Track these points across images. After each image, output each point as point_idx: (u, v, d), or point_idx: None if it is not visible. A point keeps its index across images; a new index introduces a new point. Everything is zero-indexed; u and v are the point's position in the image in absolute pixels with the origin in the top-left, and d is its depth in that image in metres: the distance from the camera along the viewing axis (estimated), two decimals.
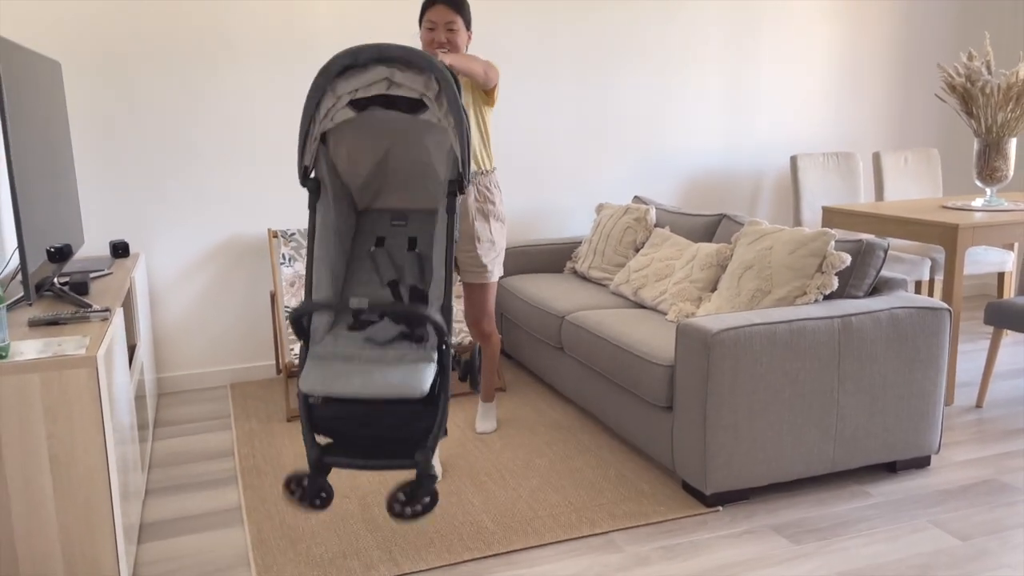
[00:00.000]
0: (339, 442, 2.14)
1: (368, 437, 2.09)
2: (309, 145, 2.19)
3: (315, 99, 2.16)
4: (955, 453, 2.97)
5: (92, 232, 3.65)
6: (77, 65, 3.51)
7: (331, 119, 2.19)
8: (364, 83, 2.14)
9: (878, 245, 2.79)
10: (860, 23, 4.75)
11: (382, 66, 2.13)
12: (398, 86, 2.14)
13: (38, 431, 2.03)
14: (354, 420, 2.09)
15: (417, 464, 2.06)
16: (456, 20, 2.76)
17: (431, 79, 2.12)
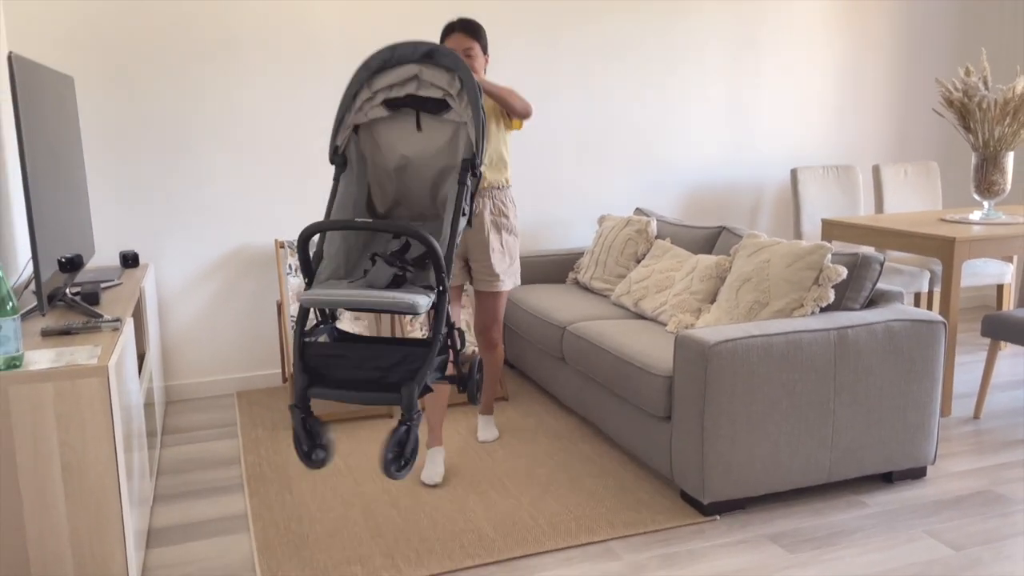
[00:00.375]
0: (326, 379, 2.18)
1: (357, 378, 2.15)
2: (342, 130, 2.40)
3: (353, 90, 2.38)
4: (951, 464, 3.00)
5: (102, 242, 3.72)
6: (89, 79, 3.58)
7: (365, 114, 2.39)
8: (397, 79, 2.35)
9: (874, 258, 2.84)
10: (861, 38, 4.81)
11: (413, 63, 2.34)
12: (425, 85, 2.35)
13: (51, 439, 2.08)
14: (346, 360, 2.15)
15: (401, 398, 2.09)
16: (474, 46, 2.87)
17: (454, 77, 2.32)
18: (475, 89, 2.27)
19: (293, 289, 3.83)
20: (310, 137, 3.92)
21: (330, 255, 2.31)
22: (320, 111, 3.92)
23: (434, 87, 2.34)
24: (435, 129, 2.42)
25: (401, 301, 2.07)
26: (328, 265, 2.30)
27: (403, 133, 2.43)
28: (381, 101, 2.38)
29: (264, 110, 3.83)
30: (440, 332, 2.17)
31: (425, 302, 2.10)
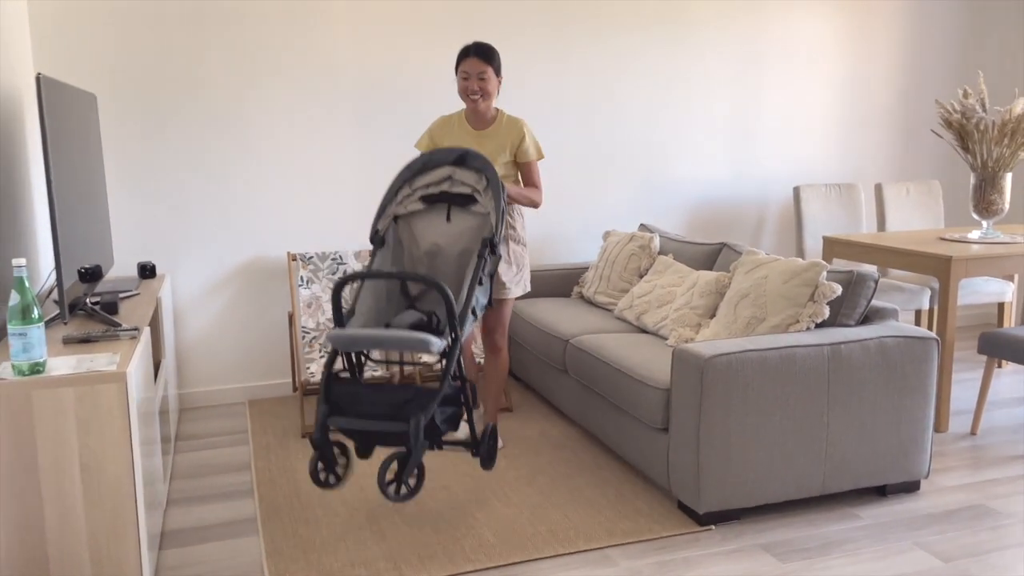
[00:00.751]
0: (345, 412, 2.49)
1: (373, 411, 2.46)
2: (384, 218, 2.87)
3: (396, 186, 2.90)
4: (945, 478, 3.06)
5: (121, 253, 3.84)
6: (111, 97, 3.71)
7: (404, 207, 2.91)
8: (434, 179, 2.88)
9: (868, 276, 2.91)
10: (864, 57, 4.89)
11: (447, 166, 2.87)
12: (457, 183, 2.86)
13: (71, 442, 2.18)
14: (364, 397, 2.49)
15: (408, 428, 2.36)
16: (487, 70, 3.10)
17: (481, 176, 2.83)
18: (499, 186, 2.77)
19: (304, 300, 3.94)
20: (323, 154, 4.04)
21: (361, 312, 2.69)
22: (332, 130, 4.03)
23: (464, 185, 2.85)
24: (463, 220, 2.89)
25: (415, 338, 2.38)
26: (358, 320, 2.68)
27: (435, 223, 2.91)
28: (419, 197, 2.89)
29: (278, 128, 3.95)
30: (450, 371, 2.47)
31: (439, 342, 2.40)
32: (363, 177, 4.12)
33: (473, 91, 3.08)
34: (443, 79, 4.13)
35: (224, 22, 3.80)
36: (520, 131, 3.16)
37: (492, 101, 3.16)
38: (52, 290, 3.21)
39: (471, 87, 3.08)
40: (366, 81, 4.05)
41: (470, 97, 3.10)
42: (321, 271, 3.99)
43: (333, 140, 4.04)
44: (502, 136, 3.16)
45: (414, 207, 2.91)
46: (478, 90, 3.08)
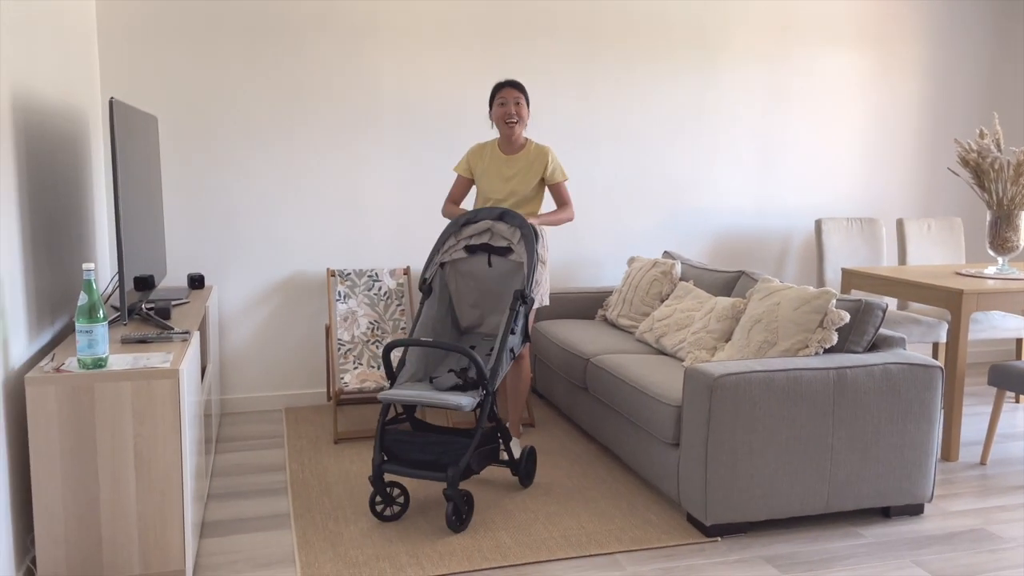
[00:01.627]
0: (396, 457, 2.93)
1: (418, 459, 2.90)
2: (431, 267, 3.26)
3: (444, 238, 3.28)
4: (950, 504, 3.16)
5: (173, 265, 4.10)
6: (171, 119, 4.00)
7: (450, 255, 3.30)
8: (476, 231, 3.27)
9: (876, 305, 3.05)
10: (888, 96, 5.03)
11: (488, 220, 3.25)
12: (497, 237, 3.25)
13: (127, 431, 2.40)
14: (411, 444, 2.92)
15: (447, 477, 2.78)
16: (521, 97, 3.48)
17: (516, 230, 3.21)
18: (532, 239, 3.13)
19: (340, 314, 4.16)
20: (363, 177, 4.28)
21: (411, 362, 3.10)
22: (372, 155, 4.28)
23: (502, 238, 3.24)
24: (502, 265, 3.28)
25: (449, 402, 2.83)
26: (408, 370, 3.08)
27: (479, 267, 3.32)
28: (464, 247, 3.28)
29: (322, 151, 4.21)
30: (482, 425, 2.90)
31: (468, 403, 2.84)
32: (400, 199, 4.35)
33: (510, 115, 3.42)
34: (475, 110, 4.36)
35: (277, 53, 4.08)
36: (545, 156, 3.51)
37: (524, 127, 3.48)
38: (108, 296, 3.47)
39: (509, 111, 3.41)
40: (405, 111, 4.30)
41: (507, 122, 3.42)
42: (358, 287, 4.21)
43: (372, 164, 4.29)
44: (530, 160, 3.49)
45: (459, 255, 3.30)
46: (515, 114, 3.41)
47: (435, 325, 3.25)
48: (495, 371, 2.94)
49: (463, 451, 2.84)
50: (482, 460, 2.97)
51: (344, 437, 3.80)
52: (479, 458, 2.94)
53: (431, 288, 3.25)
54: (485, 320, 3.39)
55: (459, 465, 2.80)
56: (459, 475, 2.79)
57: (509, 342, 3.02)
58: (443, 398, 2.85)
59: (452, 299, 3.37)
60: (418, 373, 3.12)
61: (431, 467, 2.86)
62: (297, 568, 2.61)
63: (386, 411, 2.96)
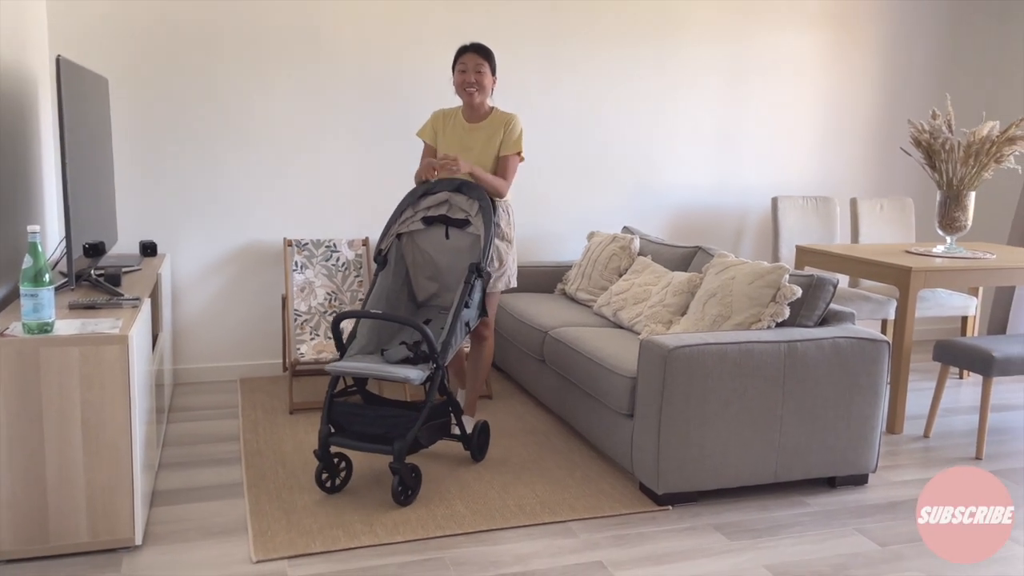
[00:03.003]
0: (343, 430, 2.89)
1: (366, 432, 2.86)
2: (387, 238, 3.22)
3: (401, 209, 3.23)
4: (894, 475, 3.25)
5: (125, 232, 4.01)
6: (122, 80, 3.89)
7: (407, 226, 3.25)
8: (434, 202, 3.22)
9: (828, 280, 3.10)
10: (846, 76, 5.09)
11: (446, 192, 3.19)
12: (454, 208, 3.20)
13: (74, 397, 2.36)
14: (359, 417, 2.89)
15: (393, 450, 2.76)
16: (484, 64, 3.29)
17: (474, 202, 3.15)
18: (490, 212, 3.09)
19: (297, 285, 4.12)
20: (322, 145, 4.23)
21: (362, 334, 3.05)
22: (332, 123, 4.22)
23: (460, 210, 3.19)
24: (460, 238, 3.23)
25: (397, 374, 2.80)
26: (359, 342, 3.03)
27: (436, 239, 3.26)
28: (421, 218, 3.23)
29: (280, 118, 4.14)
30: (431, 399, 2.87)
31: (417, 376, 2.80)
32: (359, 169, 4.30)
33: (470, 83, 3.25)
34: (438, 79, 4.32)
35: (234, 15, 3.99)
36: (508, 122, 3.29)
37: (487, 96, 3.33)
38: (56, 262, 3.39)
39: (468, 79, 3.25)
40: (366, 79, 4.24)
41: (466, 90, 3.27)
42: (315, 257, 4.17)
43: (332, 132, 4.23)
44: (493, 128, 3.32)
45: (416, 227, 3.25)
46: (474, 83, 3.25)
47: (390, 297, 3.21)
48: (446, 345, 2.91)
49: (411, 425, 2.81)
50: (432, 434, 2.96)
51: (299, 407, 3.77)
52: (428, 432, 2.92)
53: (386, 259, 3.20)
54: (442, 293, 3.34)
55: (406, 439, 2.78)
56: (405, 449, 2.77)
57: (463, 316, 2.99)
58: (391, 371, 2.82)
59: (408, 271, 3.32)
60: (369, 346, 3.07)
61: (378, 440, 2.82)
62: (249, 536, 2.60)
63: (335, 383, 2.92)
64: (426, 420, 2.86)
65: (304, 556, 2.50)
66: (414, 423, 2.81)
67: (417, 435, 2.82)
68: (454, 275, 3.28)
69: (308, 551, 2.52)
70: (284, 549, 2.53)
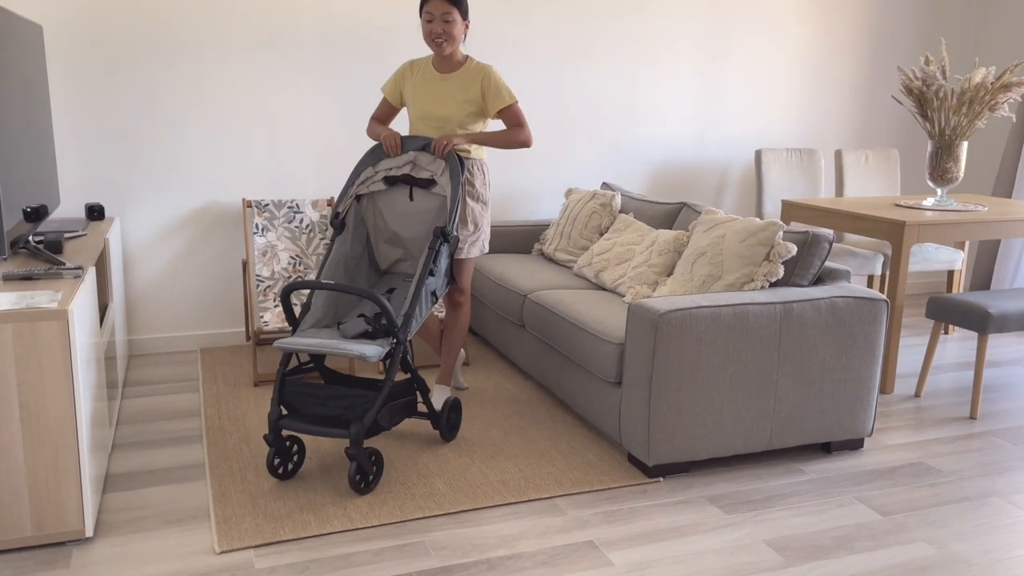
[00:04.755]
0: (296, 412, 2.64)
1: (321, 414, 2.60)
2: (345, 200, 2.96)
3: (360, 169, 2.98)
4: (889, 437, 3.13)
5: (69, 194, 3.72)
6: (59, 29, 3.57)
7: (367, 187, 3.00)
8: (397, 163, 2.97)
9: (823, 237, 2.94)
10: (829, 24, 4.89)
11: (410, 151, 2.95)
12: (419, 168, 2.95)
13: (9, 379, 2.13)
14: (313, 398, 2.60)
15: (349, 434, 2.50)
16: (452, 11, 2.94)
17: (441, 161, 2.92)
18: (458, 171, 2.85)
19: (259, 249, 3.87)
20: (281, 98, 3.94)
21: (317, 306, 2.77)
22: (292, 74, 3.93)
23: (425, 169, 2.94)
24: (425, 200, 2.97)
25: (352, 351, 2.50)
26: (313, 315, 2.76)
27: (399, 201, 3.01)
28: (382, 178, 2.98)
29: (236, 69, 3.84)
30: (391, 379, 2.58)
31: (374, 352, 2.51)
32: (322, 124, 4.03)
33: (437, 34, 2.94)
34: (408, 27, 4.05)
35: None
36: (487, 75, 3.01)
37: (458, 45, 3.02)
38: None
39: (435, 30, 2.94)
40: (328, 25, 3.95)
41: (434, 40, 2.97)
42: (277, 219, 3.92)
43: (293, 84, 3.95)
44: (467, 80, 3.03)
45: (376, 187, 3.00)
46: (442, 33, 2.94)
47: (348, 265, 2.94)
48: (408, 317, 2.63)
49: (370, 406, 2.55)
50: (394, 415, 2.69)
51: (264, 379, 3.56)
52: (390, 413, 2.66)
53: (344, 223, 2.94)
54: (407, 259, 3.08)
55: (363, 421, 2.51)
56: (363, 432, 2.50)
57: (428, 285, 2.73)
58: (346, 347, 2.52)
59: (369, 236, 3.06)
60: (325, 319, 2.79)
61: (333, 423, 2.55)
62: (212, 523, 2.40)
63: (287, 361, 2.65)
64: (386, 400, 2.61)
65: (272, 544, 2.31)
66: (373, 403, 2.55)
67: (376, 417, 2.56)
68: (419, 240, 3.03)
69: (276, 539, 2.33)
70: (250, 537, 2.33)
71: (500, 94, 3.02)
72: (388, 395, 2.60)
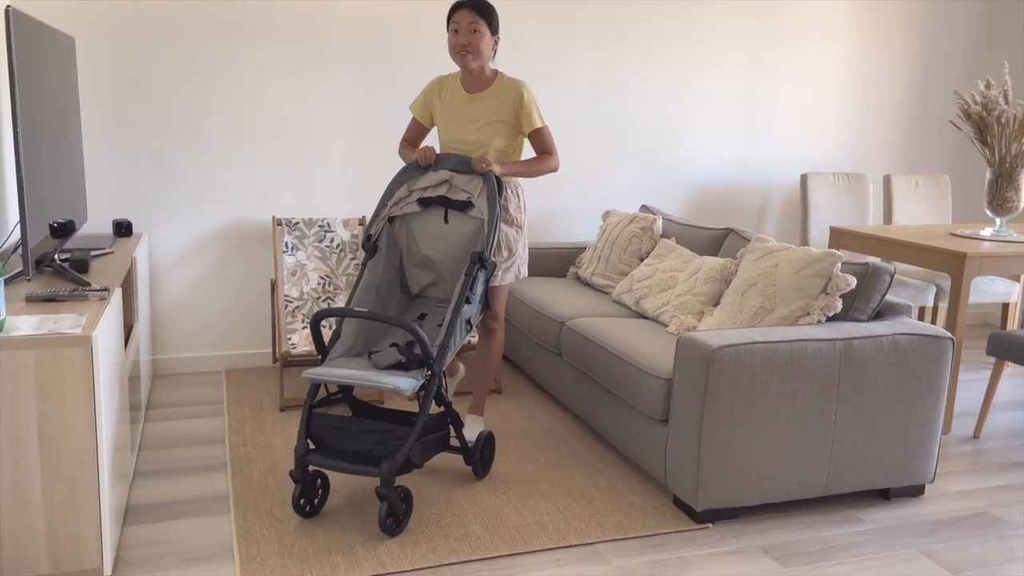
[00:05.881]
0: (324, 447, 2.48)
1: (350, 449, 2.44)
2: (378, 222, 2.82)
3: (393, 188, 2.81)
4: (950, 483, 2.95)
5: (96, 210, 3.64)
6: (91, 41, 3.50)
7: (400, 208, 2.84)
8: (432, 182, 2.79)
9: (884, 269, 2.77)
10: (879, 45, 4.73)
11: (445, 170, 2.78)
12: (455, 189, 2.78)
13: (29, 408, 2.02)
14: (343, 432, 2.44)
15: (380, 473, 2.34)
16: (479, 23, 2.78)
17: (478, 181, 2.74)
18: (495, 194, 2.67)
19: (288, 268, 3.76)
20: (314, 115, 3.84)
21: (347, 334, 2.63)
22: (325, 90, 3.84)
23: (462, 191, 2.77)
24: (461, 223, 2.81)
25: (387, 384, 2.35)
26: (344, 343, 2.62)
27: (433, 225, 2.84)
28: (416, 199, 2.81)
29: (269, 86, 3.75)
30: (426, 413, 2.42)
31: (408, 385, 2.37)
32: (355, 142, 3.93)
33: (463, 45, 2.76)
34: (440, 45, 3.94)
35: None
36: (519, 92, 2.83)
37: (485, 61, 2.85)
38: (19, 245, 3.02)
39: (461, 40, 2.76)
40: (363, 42, 3.85)
41: (459, 52, 2.78)
42: (307, 238, 3.81)
43: (326, 101, 3.85)
44: (499, 98, 2.85)
45: (410, 209, 2.84)
46: (468, 44, 2.76)
47: (379, 290, 2.79)
48: (444, 348, 2.48)
49: (402, 441, 2.38)
50: (426, 451, 2.53)
51: (291, 404, 3.43)
52: (422, 449, 2.49)
53: (376, 247, 2.78)
54: (439, 284, 2.92)
55: (395, 459, 2.35)
56: (395, 471, 2.34)
57: (464, 312, 2.57)
58: (378, 379, 2.37)
59: (402, 259, 2.90)
60: (356, 347, 2.65)
61: (363, 460, 2.39)
62: (236, 562, 2.27)
63: (315, 392, 2.51)
64: (419, 436, 2.44)
65: None
66: (405, 439, 2.38)
67: (409, 454, 2.39)
68: (453, 265, 2.86)
69: None
70: None
71: (532, 116, 2.86)
72: (421, 431, 2.44)
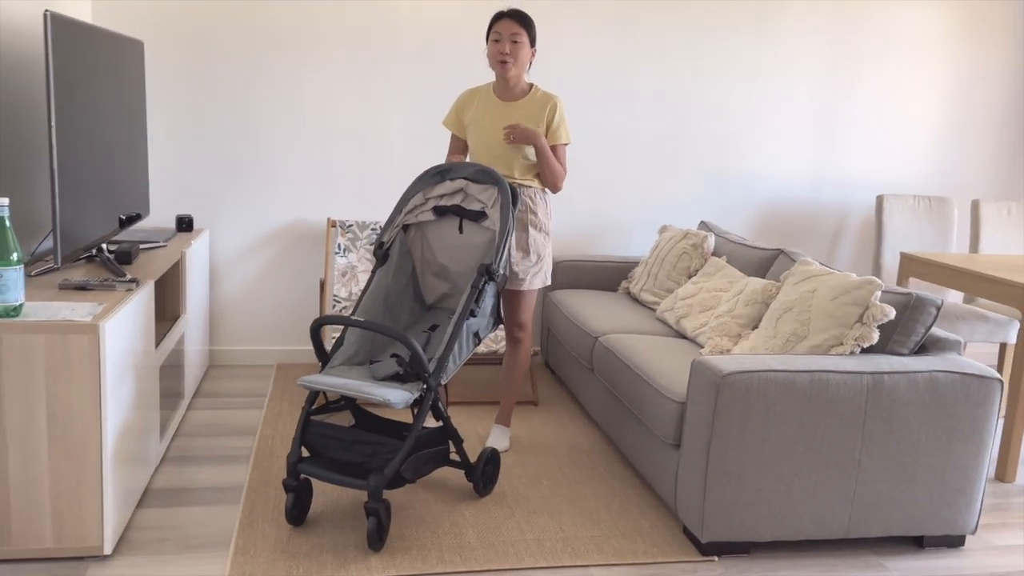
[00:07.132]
0: (317, 455, 2.47)
1: (342, 460, 2.42)
2: (391, 228, 2.80)
3: (409, 196, 2.80)
4: (998, 536, 2.70)
5: (163, 206, 3.83)
6: (159, 43, 3.69)
7: (415, 216, 2.82)
8: (447, 191, 2.78)
9: (930, 301, 2.57)
10: (976, 58, 4.42)
11: (461, 179, 2.76)
12: (470, 199, 2.75)
13: (39, 391, 2.13)
14: (338, 441, 2.42)
15: (368, 487, 2.31)
16: (521, 33, 2.86)
17: (493, 191, 2.71)
18: (508, 205, 2.63)
19: (339, 269, 3.85)
20: (374, 120, 3.92)
21: (350, 342, 2.62)
22: (385, 95, 3.91)
23: (477, 201, 2.74)
24: (475, 233, 2.79)
25: (376, 395, 2.31)
26: (345, 351, 2.61)
27: (448, 234, 2.82)
28: (432, 207, 2.80)
29: (331, 88, 3.86)
30: (418, 427, 2.38)
31: (399, 398, 2.32)
32: (411, 147, 3.98)
33: (504, 53, 2.84)
34: None
35: None
36: (554, 106, 2.91)
37: (522, 71, 2.91)
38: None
39: (502, 49, 2.84)
40: (423, 49, 3.91)
41: (500, 60, 2.86)
42: (359, 240, 3.89)
43: (385, 106, 3.92)
44: (533, 109, 2.91)
45: (425, 217, 2.83)
46: (509, 53, 2.83)
47: (389, 298, 2.76)
48: (442, 361, 2.43)
49: (390, 458, 2.33)
50: (420, 466, 2.46)
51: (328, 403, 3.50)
52: (415, 464, 2.42)
53: (387, 254, 2.77)
54: (454, 295, 2.89)
55: (384, 473, 2.30)
56: (382, 485, 2.30)
57: (470, 325, 2.53)
58: (369, 390, 2.32)
59: (416, 268, 2.89)
60: (357, 355, 2.63)
61: (353, 472, 2.35)
62: (230, 551, 2.33)
63: (312, 399, 2.48)
64: (412, 451, 2.38)
65: None
66: (393, 457, 2.33)
67: (400, 468, 2.35)
68: (467, 275, 2.83)
69: None
70: (262, 573, 2.24)
71: (559, 132, 2.94)
72: (414, 445, 2.39)
